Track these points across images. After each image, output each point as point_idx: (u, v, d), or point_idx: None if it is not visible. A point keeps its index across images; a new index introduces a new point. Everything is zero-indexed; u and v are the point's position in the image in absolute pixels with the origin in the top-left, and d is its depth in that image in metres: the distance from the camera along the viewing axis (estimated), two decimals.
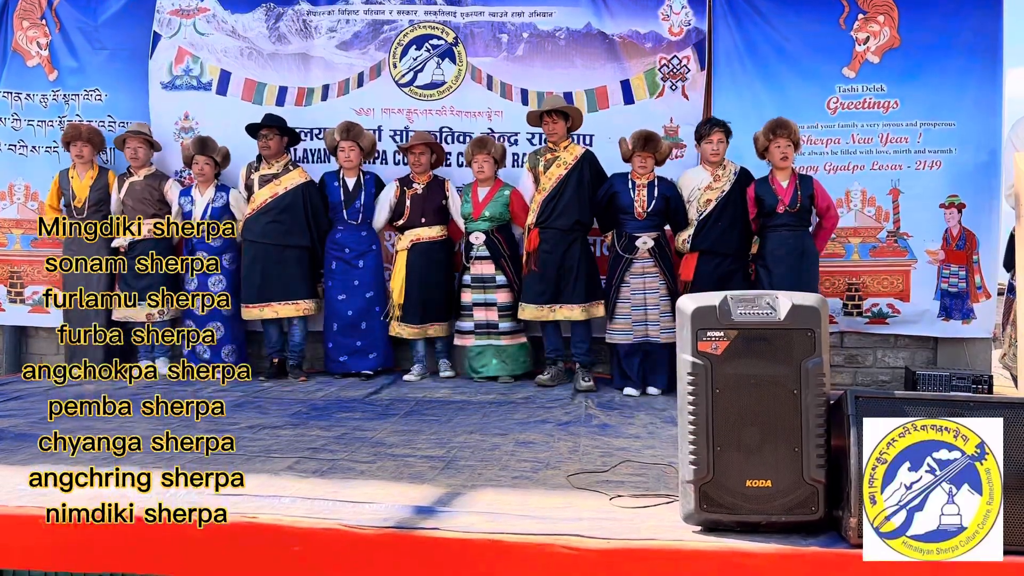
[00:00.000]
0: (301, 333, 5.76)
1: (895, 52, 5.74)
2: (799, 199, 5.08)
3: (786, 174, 5.15)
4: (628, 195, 5.24)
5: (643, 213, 5.20)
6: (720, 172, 5.27)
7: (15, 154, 6.21)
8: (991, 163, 5.63)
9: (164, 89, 6.11)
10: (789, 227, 5.10)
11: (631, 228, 5.23)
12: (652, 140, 5.24)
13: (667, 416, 4.45)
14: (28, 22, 6.19)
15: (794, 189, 5.10)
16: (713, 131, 5.23)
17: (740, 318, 2.54)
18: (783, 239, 5.10)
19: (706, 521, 2.54)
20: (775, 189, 5.13)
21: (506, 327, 5.55)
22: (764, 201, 5.13)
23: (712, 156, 5.24)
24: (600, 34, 5.94)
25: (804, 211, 5.13)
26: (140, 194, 5.76)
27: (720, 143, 5.23)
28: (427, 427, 4.19)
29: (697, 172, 5.35)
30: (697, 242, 5.23)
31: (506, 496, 2.95)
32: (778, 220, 5.10)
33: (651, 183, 5.26)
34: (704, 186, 5.26)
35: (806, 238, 5.16)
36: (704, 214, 5.22)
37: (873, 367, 5.97)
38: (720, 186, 5.24)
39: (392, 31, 6.06)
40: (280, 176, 5.66)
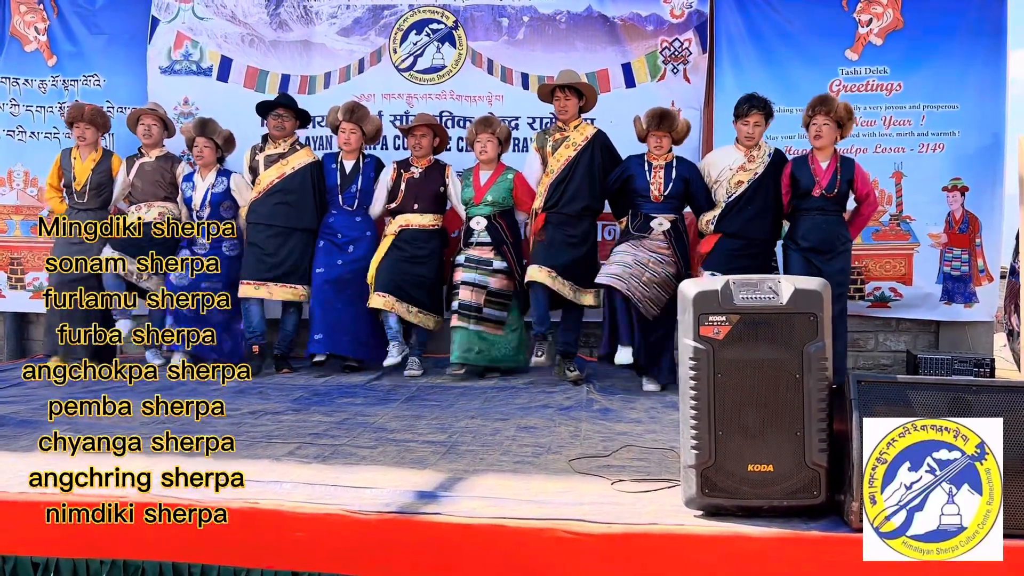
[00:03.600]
0: (293, 323, 5.54)
1: (898, 34, 5.70)
2: (837, 183, 4.76)
3: (826, 155, 4.81)
4: (644, 178, 4.92)
5: (660, 196, 4.89)
6: (755, 153, 4.90)
7: (14, 140, 6.19)
8: (995, 146, 5.61)
9: (163, 74, 6.09)
10: (823, 211, 4.78)
11: (647, 209, 4.91)
12: (668, 117, 4.91)
13: (668, 401, 4.44)
14: (26, 7, 6.16)
15: (833, 172, 4.77)
16: (751, 112, 4.83)
17: (742, 302, 2.53)
18: (816, 224, 4.78)
19: (708, 505, 2.54)
20: (813, 170, 4.79)
21: (491, 314, 5.17)
22: (800, 182, 4.80)
23: (747, 140, 4.88)
24: (601, 17, 5.90)
25: (841, 196, 4.80)
26: (152, 176, 5.57)
27: (756, 127, 4.85)
28: (428, 412, 4.19)
29: (729, 152, 5.01)
30: (723, 225, 4.88)
31: (508, 481, 2.94)
32: (812, 203, 4.78)
33: (669, 164, 4.94)
34: (736, 167, 4.90)
35: (840, 224, 4.84)
36: (734, 196, 4.87)
37: (875, 351, 5.97)
38: (754, 167, 4.89)
39: (392, 16, 6.03)
40: (287, 156, 5.47)
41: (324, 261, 5.40)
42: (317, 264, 5.41)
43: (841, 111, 4.76)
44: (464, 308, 5.15)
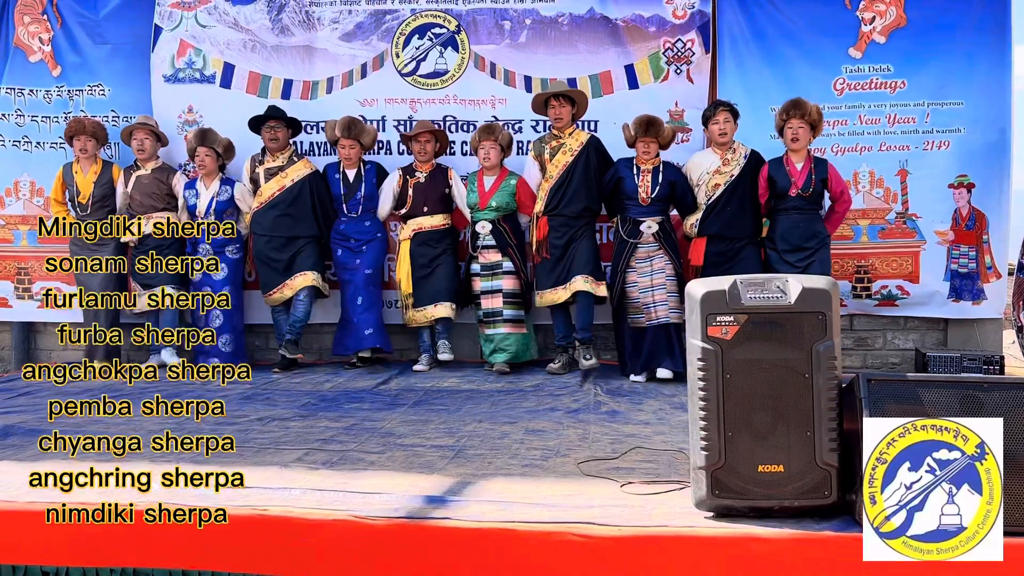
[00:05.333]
0: (305, 307, 5.66)
1: (902, 32, 5.69)
2: (813, 183, 5.02)
3: (801, 156, 5.08)
4: (632, 181, 5.18)
5: (647, 199, 5.15)
6: (729, 156, 5.19)
7: (20, 150, 6.20)
8: (1001, 142, 5.60)
9: (167, 82, 6.09)
10: (800, 210, 5.05)
11: (635, 213, 5.18)
12: (654, 125, 5.18)
13: (676, 402, 4.44)
14: (30, 17, 6.17)
15: (808, 172, 5.04)
16: (719, 111, 5.15)
17: (750, 302, 2.52)
18: (794, 222, 5.05)
19: (718, 507, 2.53)
20: (789, 171, 5.06)
21: (509, 315, 5.47)
22: (776, 183, 5.07)
23: (719, 137, 5.15)
24: (603, 18, 5.90)
25: (816, 195, 5.08)
26: (148, 188, 5.72)
27: (727, 123, 5.14)
28: (436, 416, 4.18)
29: (705, 155, 5.29)
30: (705, 227, 5.18)
31: (516, 484, 2.94)
32: (790, 203, 5.05)
33: (656, 168, 5.20)
34: (713, 170, 5.19)
35: (817, 221, 5.10)
36: (712, 198, 5.16)
37: (883, 349, 5.95)
38: (729, 170, 5.17)
39: (394, 21, 6.03)
40: (286, 168, 5.67)
41: (344, 271, 5.69)
42: (343, 272, 5.71)
43: (814, 114, 5.05)
44: (489, 316, 5.51)
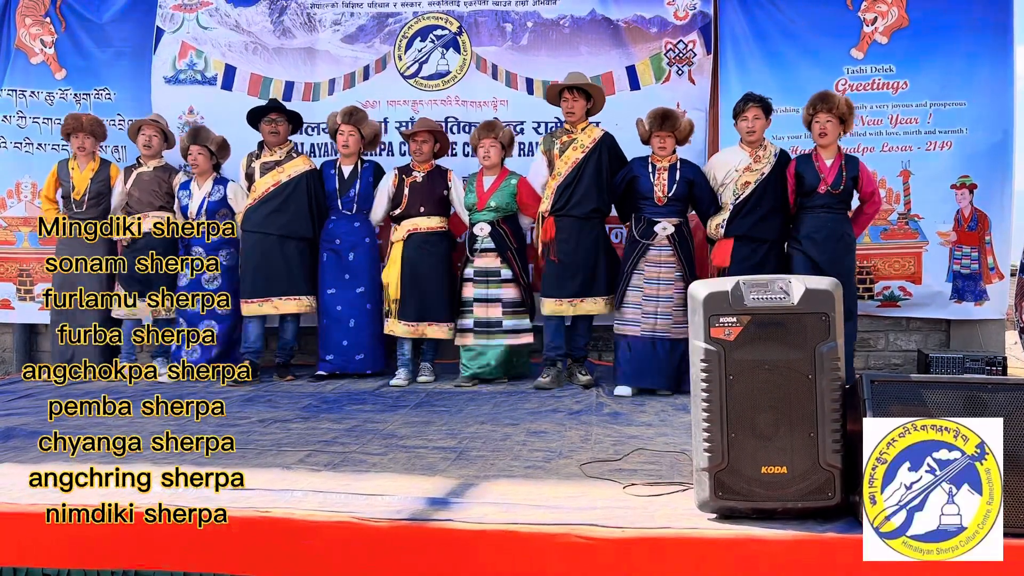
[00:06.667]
0: (293, 330, 5.52)
1: (903, 32, 5.68)
2: (843, 180, 4.73)
3: (831, 152, 4.78)
4: (648, 179, 4.88)
5: (664, 198, 4.85)
6: (760, 153, 4.86)
7: (21, 152, 6.20)
8: (1003, 142, 5.58)
9: (168, 84, 6.09)
10: (829, 208, 4.75)
11: (650, 213, 4.89)
12: (670, 118, 4.87)
13: (679, 404, 4.43)
14: (31, 19, 6.17)
15: (839, 169, 4.74)
16: (748, 107, 4.82)
17: (753, 303, 2.51)
18: (822, 222, 4.75)
19: (721, 508, 2.53)
20: (818, 167, 4.76)
21: (511, 325, 5.18)
22: (804, 179, 4.76)
23: (748, 135, 4.84)
24: (605, 20, 5.89)
25: (846, 193, 4.78)
26: (149, 185, 5.59)
27: (756, 120, 4.81)
28: (438, 418, 4.18)
29: (733, 152, 4.97)
30: (733, 228, 4.84)
31: (519, 486, 2.94)
32: (817, 201, 4.75)
33: (673, 166, 4.90)
34: (742, 168, 4.85)
35: (845, 222, 4.81)
36: (741, 198, 4.82)
37: (885, 350, 5.94)
38: (760, 168, 4.84)
39: (397, 24, 6.03)
40: (283, 163, 5.45)
41: (332, 280, 5.41)
42: (326, 284, 5.42)
43: (843, 107, 4.73)
44: (481, 326, 5.18)
